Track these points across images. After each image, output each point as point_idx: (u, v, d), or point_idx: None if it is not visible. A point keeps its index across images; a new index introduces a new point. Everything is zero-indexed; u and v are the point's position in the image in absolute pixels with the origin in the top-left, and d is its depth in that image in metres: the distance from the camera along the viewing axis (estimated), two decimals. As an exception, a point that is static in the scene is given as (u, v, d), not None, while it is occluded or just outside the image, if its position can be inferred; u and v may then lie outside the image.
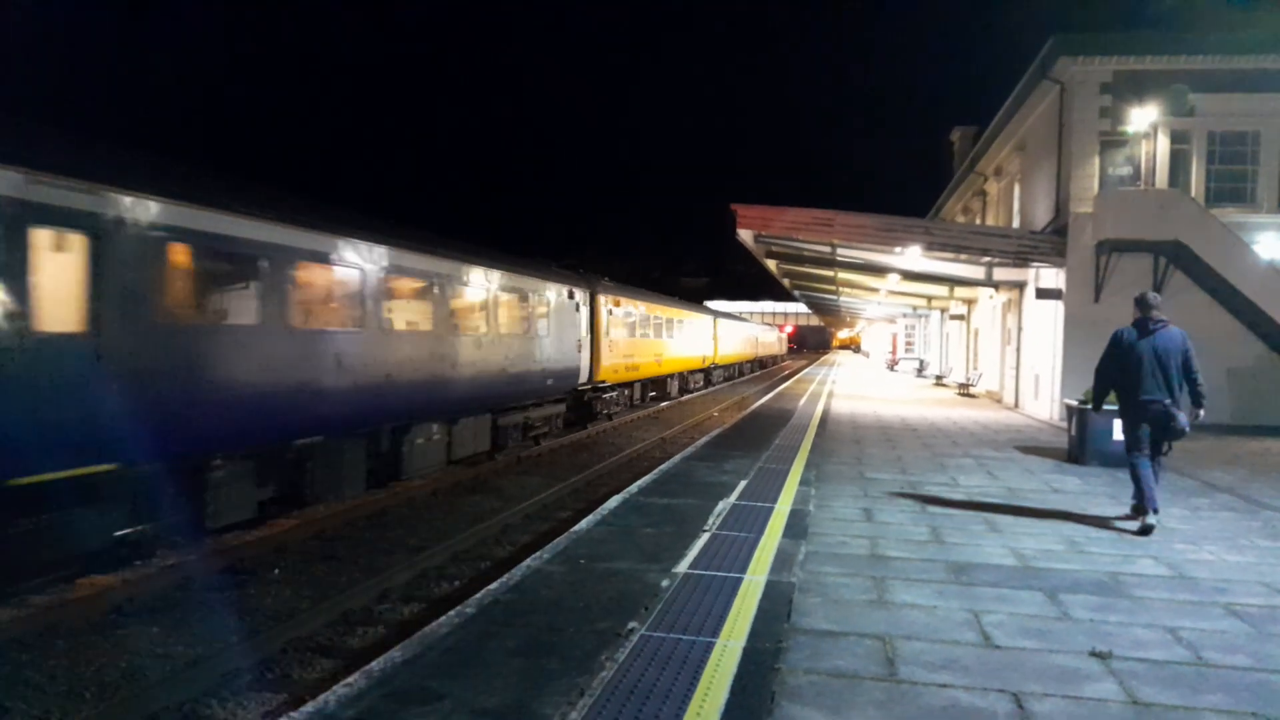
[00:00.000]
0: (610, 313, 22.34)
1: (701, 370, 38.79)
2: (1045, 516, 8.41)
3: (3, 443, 6.64)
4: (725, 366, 46.41)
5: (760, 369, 63.45)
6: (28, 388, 6.77)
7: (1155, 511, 7.81)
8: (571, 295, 19.00)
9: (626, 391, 25.68)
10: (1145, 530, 7.71)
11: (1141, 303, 8.20)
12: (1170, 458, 11.74)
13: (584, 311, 20.10)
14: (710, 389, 39.99)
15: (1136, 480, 8.02)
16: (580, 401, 21.09)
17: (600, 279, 22.44)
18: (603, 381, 21.96)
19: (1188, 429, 7.96)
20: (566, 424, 20.39)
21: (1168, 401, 7.89)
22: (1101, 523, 8.15)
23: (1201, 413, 8.04)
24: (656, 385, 30.68)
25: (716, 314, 44.11)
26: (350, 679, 4.25)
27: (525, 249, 22.09)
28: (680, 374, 33.78)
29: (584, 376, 20.23)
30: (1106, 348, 8.34)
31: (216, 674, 6.13)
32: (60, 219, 7.08)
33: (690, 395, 34.89)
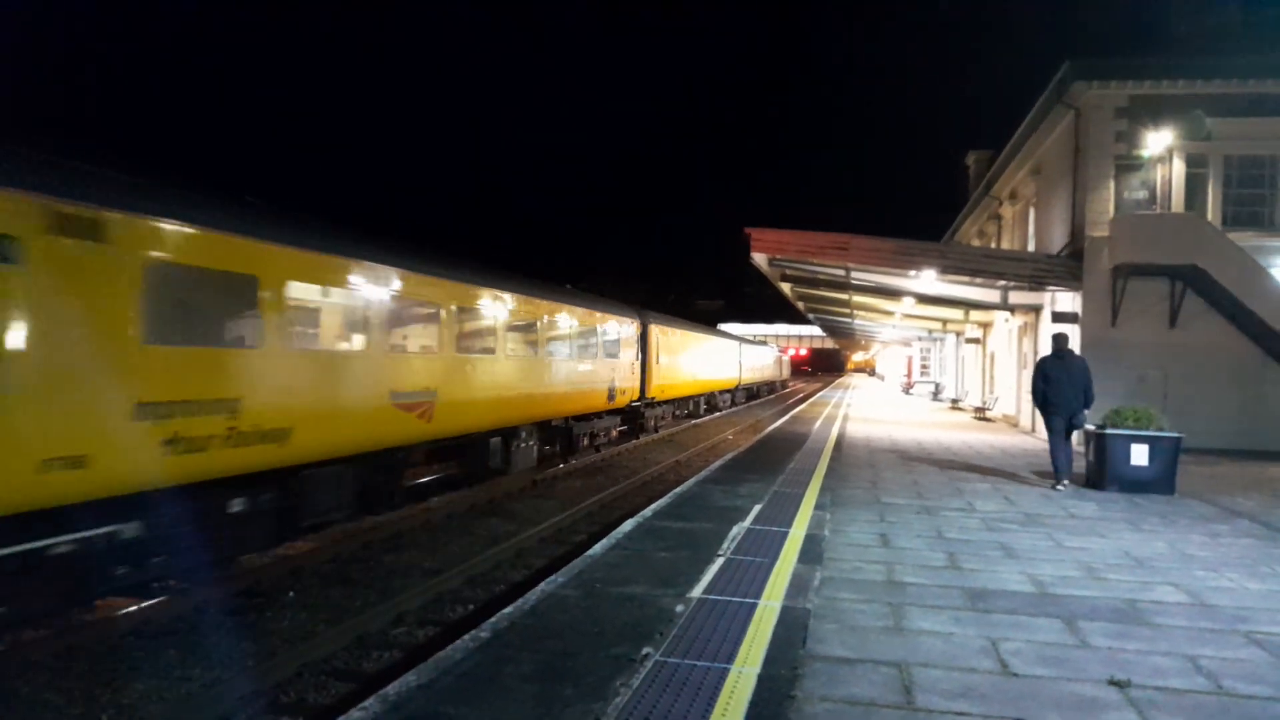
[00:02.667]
0: (287, 301, 9.10)
1: (617, 412, 22.82)
2: (1062, 541, 8.35)
3: None
4: (677, 402, 30.90)
5: (752, 400, 51.19)
6: None
7: (1067, 480, 11.97)
8: None
9: (400, 479, 12.07)
10: (1056, 489, 11.77)
11: (1056, 340, 12.31)
12: (1189, 482, 11.91)
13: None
14: (647, 437, 25.01)
15: (1054, 456, 12.06)
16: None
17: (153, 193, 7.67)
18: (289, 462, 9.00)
19: (1087, 424, 12.13)
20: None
21: (1077, 405, 11.90)
22: (1125, 553, 8.09)
23: (1087, 412, 12.03)
24: (517, 443, 15.53)
25: (649, 318, 25.67)
26: (365, 703, 4.26)
27: (537, 272, 18.80)
28: (565, 420, 18.73)
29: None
30: (1035, 371, 12.28)
31: (233, 697, 6.16)
32: None
33: (607, 451, 21.04)
